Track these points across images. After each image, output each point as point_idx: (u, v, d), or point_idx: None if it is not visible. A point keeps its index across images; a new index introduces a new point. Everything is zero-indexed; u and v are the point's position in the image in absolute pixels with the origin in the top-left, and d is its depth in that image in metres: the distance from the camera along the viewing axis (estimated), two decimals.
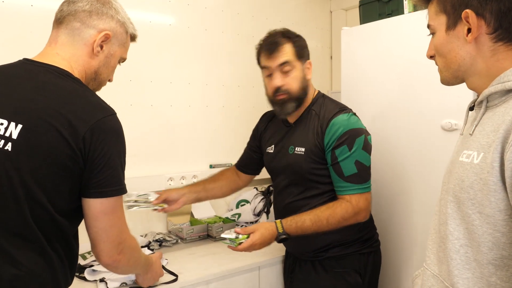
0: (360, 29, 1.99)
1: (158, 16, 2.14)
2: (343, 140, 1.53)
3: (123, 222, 1.12)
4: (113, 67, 1.22)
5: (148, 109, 2.12)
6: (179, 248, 1.94)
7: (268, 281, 1.82)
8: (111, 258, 1.10)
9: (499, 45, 0.86)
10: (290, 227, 1.51)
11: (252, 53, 2.46)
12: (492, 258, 0.82)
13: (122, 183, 1.09)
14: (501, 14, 0.84)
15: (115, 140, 1.06)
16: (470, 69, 0.91)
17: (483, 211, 0.82)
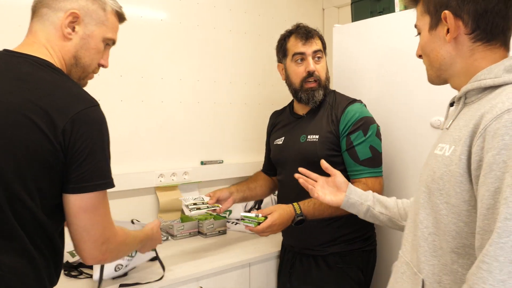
0: (351, 27, 2.00)
1: (150, 11, 2.12)
2: (359, 125, 1.59)
3: (106, 220, 1.05)
4: (96, 49, 1.14)
5: (139, 105, 2.10)
6: (169, 245, 1.93)
7: (259, 278, 1.82)
8: (94, 259, 1.05)
9: (477, 45, 0.90)
10: (308, 208, 1.53)
11: (245, 49, 2.46)
12: (455, 246, 0.87)
13: (106, 178, 1.03)
14: (478, 15, 0.88)
15: (97, 132, 1.01)
16: (450, 68, 0.95)
17: (449, 201, 0.87)
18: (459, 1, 0.89)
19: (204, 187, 2.34)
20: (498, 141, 0.76)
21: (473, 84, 0.89)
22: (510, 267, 0.72)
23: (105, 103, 1.95)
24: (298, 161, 1.67)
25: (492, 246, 0.73)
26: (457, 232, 0.86)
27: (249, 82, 2.50)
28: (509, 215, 0.73)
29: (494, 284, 0.72)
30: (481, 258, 0.75)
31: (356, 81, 1.95)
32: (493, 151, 0.76)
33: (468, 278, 0.77)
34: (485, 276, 0.73)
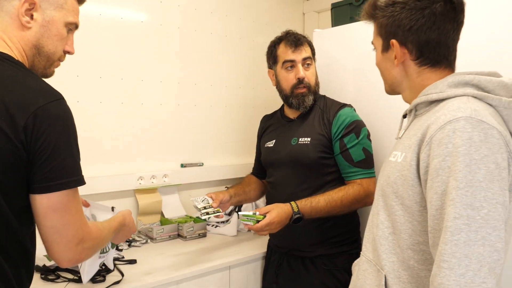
0: (331, 32, 2.02)
1: (130, 13, 2.11)
2: (351, 129, 1.64)
3: (78, 218, 0.99)
4: (58, 35, 1.07)
5: (119, 107, 2.08)
6: (148, 248, 1.92)
7: (239, 280, 1.82)
8: (70, 261, 1.00)
9: (423, 68, 1.02)
10: (305, 206, 1.54)
11: (226, 51, 2.47)
12: (411, 243, 0.96)
13: (75, 175, 0.97)
14: (420, 45, 1.00)
15: (61, 128, 0.94)
16: (401, 85, 1.07)
17: (403, 203, 0.96)
18: (404, 32, 1.00)
19: (184, 190, 2.33)
20: (443, 149, 0.86)
21: (422, 98, 1.00)
22: (466, 261, 0.80)
23: (84, 105, 1.96)
24: (289, 163, 1.71)
25: (448, 245, 0.82)
26: (412, 230, 0.96)
27: (230, 85, 2.51)
28: (457, 214, 0.82)
29: (457, 279, 0.80)
30: (440, 257, 0.83)
31: (336, 85, 1.97)
32: (439, 158, 0.86)
33: (433, 280, 0.85)
34: (447, 273, 0.81)
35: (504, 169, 0.84)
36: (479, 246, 0.80)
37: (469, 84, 0.94)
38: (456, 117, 0.86)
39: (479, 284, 0.79)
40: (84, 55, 1.95)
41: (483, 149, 0.83)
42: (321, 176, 1.67)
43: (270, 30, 2.59)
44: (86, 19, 1.95)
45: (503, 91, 0.93)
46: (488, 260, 0.80)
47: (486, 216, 0.81)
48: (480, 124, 0.85)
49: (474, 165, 0.82)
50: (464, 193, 0.82)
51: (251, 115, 2.57)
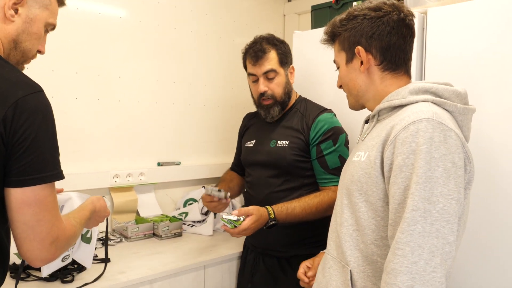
0: (311, 33, 2.04)
1: (109, 8, 2.08)
2: (329, 135, 1.65)
3: (54, 215, 0.96)
4: (37, 34, 1.06)
5: (95, 103, 2.05)
6: (123, 247, 1.89)
7: (213, 280, 1.82)
8: (43, 260, 0.96)
9: (386, 74, 1.11)
10: (281, 213, 1.55)
11: (205, 50, 2.46)
12: (374, 239, 1.02)
13: (51, 170, 0.94)
14: (383, 49, 1.09)
15: (39, 120, 0.92)
16: (366, 94, 1.15)
17: (368, 200, 1.03)
18: (367, 39, 1.09)
19: (161, 189, 2.31)
20: (407, 147, 0.92)
21: (385, 104, 1.08)
22: (419, 250, 0.87)
23: (59, 100, 1.92)
24: (267, 165, 1.73)
25: (403, 234, 0.89)
26: (375, 226, 1.02)
27: (209, 85, 2.50)
28: (415, 207, 0.89)
29: (409, 265, 0.87)
30: (395, 245, 0.90)
31: (314, 87, 1.99)
32: (403, 155, 0.93)
33: (386, 265, 0.92)
34: (401, 260, 0.88)
35: (460, 168, 0.92)
36: (433, 238, 0.87)
37: (428, 92, 1.02)
38: (419, 118, 0.94)
39: (429, 273, 0.86)
40: (60, 50, 1.91)
41: (442, 148, 0.90)
42: (298, 178, 1.69)
43: (251, 31, 2.60)
44: (62, 13, 1.91)
45: (457, 99, 1.03)
46: (440, 252, 0.87)
47: (441, 210, 0.88)
48: (440, 126, 0.92)
49: (434, 163, 0.89)
50: (423, 188, 0.89)
51: (229, 115, 2.56)
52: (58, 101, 1.92)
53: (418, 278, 0.86)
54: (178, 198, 2.39)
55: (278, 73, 1.71)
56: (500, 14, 1.40)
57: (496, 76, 1.40)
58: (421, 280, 0.86)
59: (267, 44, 1.72)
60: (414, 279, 0.86)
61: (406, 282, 0.86)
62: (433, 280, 0.86)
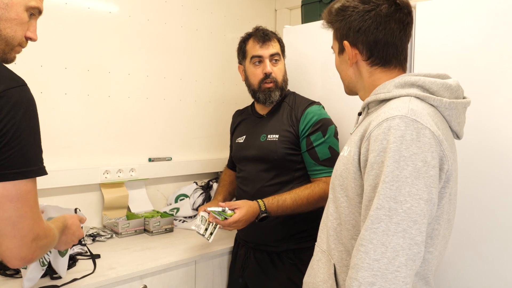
0: (301, 28, 2.04)
1: (98, 3, 2.06)
2: (318, 127, 1.65)
3: (36, 212, 0.94)
4: (18, 19, 1.01)
5: (85, 99, 2.03)
6: (113, 243, 1.89)
7: (204, 275, 1.82)
8: (23, 259, 0.93)
9: (374, 68, 1.08)
10: (272, 205, 1.57)
11: (196, 46, 2.45)
12: (354, 234, 1.01)
13: (33, 165, 0.93)
14: (369, 45, 1.06)
15: (21, 114, 0.90)
16: (356, 85, 1.13)
17: (348, 195, 1.02)
18: (354, 33, 1.06)
19: (152, 184, 2.31)
20: (378, 145, 0.91)
21: (372, 97, 1.06)
22: (382, 248, 0.86)
23: (48, 96, 1.91)
24: (258, 159, 1.73)
25: (367, 231, 0.88)
26: (355, 221, 1.01)
27: (200, 80, 2.49)
28: (379, 205, 0.87)
29: (370, 262, 0.86)
30: (359, 241, 0.90)
31: (304, 81, 1.99)
32: (374, 153, 0.91)
33: (351, 260, 0.91)
34: (363, 256, 0.88)
35: (433, 167, 0.89)
36: (399, 238, 0.86)
37: (414, 85, 0.99)
38: (393, 115, 0.92)
39: (392, 272, 0.85)
40: (49, 45, 1.90)
41: (413, 147, 0.88)
42: (289, 172, 1.69)
43: (242, 26, 2.59)
44: (51, 8, 1.90)
45: (447, 92, 0.99)
46: (407, 252, 0.85)
47: (408, 210, 0.86)
48: (413, 123, 0.90)
49: (403, 162, 0.87)
50: (389, 187, 0.87)
51: (221, 110, 2.56)
52: (47, 97, 1.91)
53: (380, 276, 0.85)
54: (170, 193, 2.39)
55: (280, 60, 1.78)
56: (489, 9, 1.40)
57: (485, 71, 1.41)
58: (383, 278, 0.85)
59: (269, 32, 1.78)
60: (376, 276, 0.85)
61: (367, 278, 0.86)
62: (396, 279, 0.85)
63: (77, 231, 1.27)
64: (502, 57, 1.38)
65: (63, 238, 1.21)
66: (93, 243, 1.88)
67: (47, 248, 1.02)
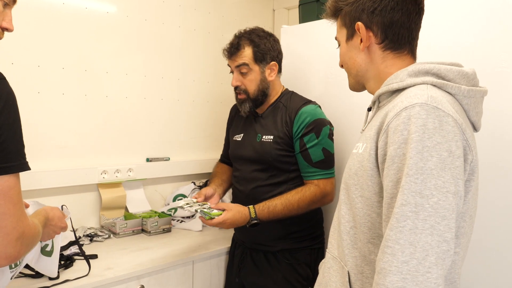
0: (298, 28, 2.04)
1: (95, 3, 2.06)
2: (311, 128, 1.63)
3: (19, 209, 0.91)
4: None
5: (82, 99, 2.03)
6: (111, 243, 1.88)
7: (202, 275, 1.82)
8: (7, 258, 0.90)
9: (387, 53, 1.02)
10: (262, 212, 1.57)
11: (194, 46, 2.45)
12: (371, 237, 0.94)
13: (16, 160, 0.90)
14: (385, 27, 1.00)
15: (0, 109, 0.87)
16: (366, 74, 1.06)
17: (363, 195, 0.94)
18: (369, 15, 1.00)
19: (150, 185, 2.31)
20: (398, 136, 0.84)
21: (383, 88, 0.99)
22: (410, 249, 0.79)
23: (45, 96, 1.90)
24: (253, 159, 1.73)
25: (393, 231, 0.81)
26: (371, 223, 0.93)
27: (198, 80, 2.49)
28: (404, 201, 0.80)
29: (399, 265, 0.79)
30: (384, 243, 0.82)
31: (301, 81, 1.99)
32: (395, 145, 0.84)
33: (377, 264, 0.84)
34: (390, 259, 0.80)
35: (458, 158, 0.82)
36: (427, 235, 0.78)
37: (429, 73, 0.93)
38: (412, 103, 0.85)
39: (423, 274, 0.78)
40: (46, 45, 1.89)
41: (437, 136, 0.81)
42: (283, 173, 1.69)
43: (240, 26, 2.57)
44: (48, 8, 1.90)
45: (464, 80, 0.93)
46: (436, 250, 0.78)
47: (436, 205, 0.79)
48: (435, 111, 0.83)
49: (426, 152, 0.80)
50: (414, 180, 0.80)
51: (218, 110, 2.56)
52: (44, 97, 1.90)
53: (410, 279, 0.78)
54: (167, 194, 2.39)
55: (251, 69, 1.71)
56: (483, 6, 1.40)
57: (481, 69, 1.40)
58: (414, 281, 0.77)
59: (246, 40, 1.72)
60: (405, 279, 0.78)
61: (396, 283, 0.78)
62: (427, 281, 0.77)
63: (60, 222, 1.24)
64: (499, 55, 1.37)
65: (45, 231, 1.18)
66: (90, 243, 1.88)
67: (32, 246, 1.00)
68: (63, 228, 1.27)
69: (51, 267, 1.37)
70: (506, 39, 1.36)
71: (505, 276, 1.37)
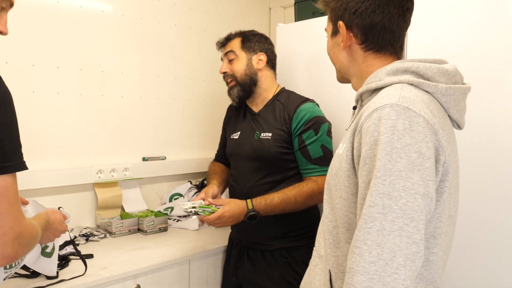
0: (294, 26, 2.03)
1: (90, 1, 2.05)
2: (310, 125, 1.64)
3: (16, 208, 0.90)
4: None
5: (77, 98, 2.02)
6: (107, 243, 1.88)
7: (198, 274, 1.82)
8: (5, 259, 0.90)
9: (368, 54, 1.01)
10: (259, 204, 1.57)
11: (190, 44, 2.44)
12: (349, 237, 0.93)
13: (13, 159, 0.89)
14: (365, 29, 0.99)
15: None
16: (348, 71, 1.06)
17: (341, 195, 0.94)
18: (350, 15, 0.99)
19: (146, 184, 2.30)
20: (369, 137, 0.84)
21: (363, 88, 0.99)
22: (377, 249, 0.79)
23: (40, 95, 1.90)
24: (251, 157, 1.73)
25: (360, 231, 0.81)
26: (349, 224, 0.93)
27: (194, 78, 2.48)
28: (372, 202, 0.80)
29: (366, 265, 0.79)
30: (353, 243, 0.83)
31: (297, 79, 1.99)
32: (366, 146, 0.84)
33: (347, 264, 0.85)
34: (357, 259, 0.81)
35: (428, 159, 0.81)
36: (395, 237, 0.78)
37: (408, 71, 0.92)
38: (383, 104, 0.84)
39: (390, 274, 0.78)
40: (41, 44, 1.89)
41: (406, 137, 0.81)
42: (282, 171, 1.69)
43: (236, 24, 2.58)
44: (43, 6, 1.89)
45: (443, 77, 0.92)
46: (405, 252, 0.78)
47: (404, 206, 0.79)
48: (405, 112, 0.82)
49: (395, 154, 0.80)
50: (382, 182, 0.80)
51: (214, 109, 2.55)
52: (39, 96, 1.89)
53: (377, 279, 0.78)
54: (164, 193, 2.38)
55: (238, 56, 1.77)
56: (483, 4, 1.40)
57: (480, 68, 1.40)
58: (381, 281, 0.78)
59: (235, 34, 1.82)
60: (373, 279, 0.78)
61: (363, 282, 0.79)
62: (394, 282, 0.77)
63: (60, 226, 1.24)
64: (497, 53, 1.37)
65: (46, 234, 1.18)
66: (86, 242, 1.87)
67: (30, 247, 1.00)
68: (63, 231, 1.26)
69: (50, 266, 1.37)
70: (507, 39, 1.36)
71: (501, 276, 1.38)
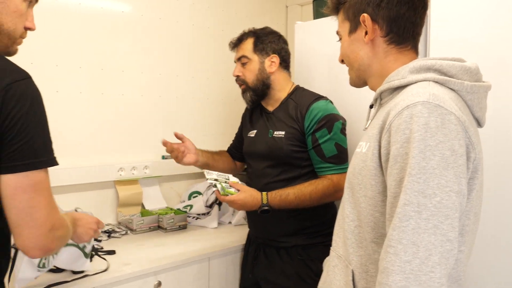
0: (312, 24, 2.03)
1: (111, 3, 2.08)
2: (323, 123, 1.63)
3: (50, 202, 0.95)
4: (17, 12, 1.01)
5: (99, 97, 2.06)
6: (128, 240, 1.91)
7: (218, 271, 1.83)
8: (41, 249, 0.94)
9: (391, 47, 1.01)
10: (274, 199, 1.57)
11: (208, 43, 2.46)
12: (375, 236, 0.93)
13: (44, 156, 0.94)
14: (390, 20, 0.99)
15: (27, 106, 0.91)
16: (368, 69, 1.05)
17: (367, 194, 0.94)
18: (374, 7, 0.99)
19: (165, 182, 2.33)
20: (401, 135, 0.83)
21: (385, 86, 0.98)
22: (413, 248, 0.78)
23: (63, 95, 1.94)
24: (265, 155, 1.74)
25: (395, 231, 0.81)
26: (374, 223, 0.93)
27: (212, 77, 2.50)
28: (407, 201, 0.80)
29: (401, 265, 0.79)
30: (387, 242, 0.82)
31: (315, 77, 1.99)
32: (397, 144, 0.84)
33: (380, 263, 0.84)
34: (392, 258, 0.80)
35: (460, 156, 0.81)
36: (430, 235, 0.78)
37: (431, 69, 0.92)
38: (414, 102, 0.84)
39: (426, 273, 0.77)
40: (64, 45, 1.93)
41: (439, 135, 0.80)
42: (295, 169, 1.69)
43: (253, 23, 2.58)
44: (65, 8, 1.93)
45: (466, 75, 0.92)
46: (439, 250, 0.78)
47: (438, 204, 0.79)
48: (437, 109, 0.82)
49: (429, 151, 0.80)
50: (416, 180, 0.80)
51: (232, 108, 2.57)
52: (63, 96, 1.94)
53: (413, 278, 0.77)
54: (183, 191, 2.41)
55: (250, 60, 1.77)
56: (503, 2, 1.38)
57: (501, 61, 1.38)
58: (417, 280, 0.77)
59: (248, 33, 1.81)
60: (408, 279, 0.78)
61: (399, 282, 0.78)
62: (430, 281, 0.77)
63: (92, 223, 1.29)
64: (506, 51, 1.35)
65: (79, 231, 1.23)
66: (108, 239, 1.91)
67: (64, 240, 1.04)
68: (96, 232, 1.31)
69: (86, 265, 1.47)
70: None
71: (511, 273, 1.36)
